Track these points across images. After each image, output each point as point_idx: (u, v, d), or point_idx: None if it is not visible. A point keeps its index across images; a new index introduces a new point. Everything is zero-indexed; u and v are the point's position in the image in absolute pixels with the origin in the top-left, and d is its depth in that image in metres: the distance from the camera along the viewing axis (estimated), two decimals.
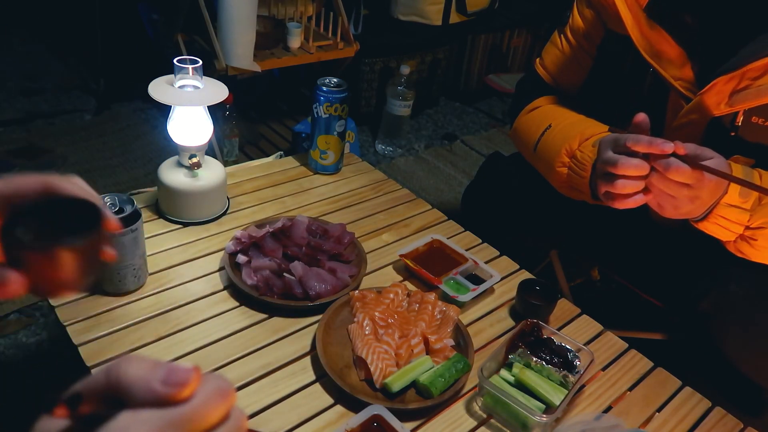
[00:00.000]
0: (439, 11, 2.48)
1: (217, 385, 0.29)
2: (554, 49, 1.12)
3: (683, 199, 0.78)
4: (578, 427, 0.76)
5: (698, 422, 0.82)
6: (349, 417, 0.75)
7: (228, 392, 0.29)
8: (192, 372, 0.28)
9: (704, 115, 0.88)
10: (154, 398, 0.27)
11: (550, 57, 1.13)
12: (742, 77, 0.83)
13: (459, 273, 0.99)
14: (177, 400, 0.27)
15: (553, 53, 1.12)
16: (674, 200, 0.79)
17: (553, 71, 1.12)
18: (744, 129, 0.87)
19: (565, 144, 0.95)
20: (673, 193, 0.78)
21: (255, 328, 0.88)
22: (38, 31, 3.02)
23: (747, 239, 0.85)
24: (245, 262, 0.94)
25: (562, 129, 0.99)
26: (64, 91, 2.53)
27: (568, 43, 1.09)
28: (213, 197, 1.07)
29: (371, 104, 2.46)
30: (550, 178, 1.00)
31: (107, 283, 0.88)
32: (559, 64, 1.11)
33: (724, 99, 0.85)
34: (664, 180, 0.76)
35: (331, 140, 1.22)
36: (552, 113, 1.06)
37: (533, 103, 1.12)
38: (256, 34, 1.79)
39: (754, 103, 0.84)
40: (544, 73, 1.13)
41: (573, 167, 0.93)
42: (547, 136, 1.01)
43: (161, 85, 0.98)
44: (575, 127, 0.97)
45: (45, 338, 1.33)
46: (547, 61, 1.13)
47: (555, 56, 1.11)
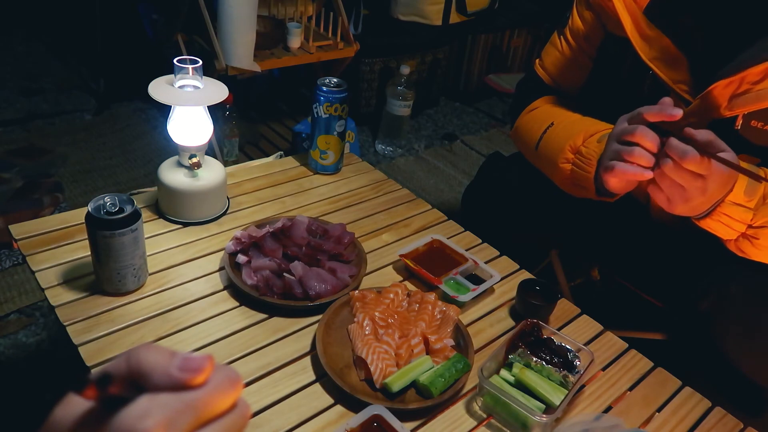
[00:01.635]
0: (439, 11, 2.48)
1: (228, 374, 0.31)
2: (554, 51, 1.12)
3: (694, 191, 0.78)
4: (578, 427, 0.76)
5: (698, 422, 0.82)
6: (349, 417, 0.75)
7: (237, 381, 0.31)
8: (206, 360, 0.30)
9: (703, 119, 0.88)
10: (171, 383, 0.29)
11: (549, 58, 1.13)
12: (741, 81, 0.83)
13: (459, 273, 0.99)
14: (192, 385, 0.29)
15: (552, 54, 1.12)
16: (684, 192, 0.78)
17: (553, 72, 1.12)
18: (743, 133, 0.87)
19: (569, 141, 0.95)
20: (686, 184, 0.77)
21: (255, 328, 0.88)
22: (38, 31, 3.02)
23: (749, 238, 0.85)
24: (245, 262, 0.94)
25: (565, 127, 0.99)
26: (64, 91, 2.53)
27: (568, 44, 1.09)
28: (213, 197, 1.07)
29: (371, 104, 2.46)
30: (553, 175, 1.00)
31: (107, 283, 0.88)
32: (558, 66, 1.11)
33: (724, 102, 0.85)
34: (677, 170, 0.76)
35: (331, 140, 1.22)
36: (553, 112, 1.06)
37: (534, 104, 1.12)
38: (256, 34, 1.79)
39: (754, 107, 0.84)
40: (544, 75, 1.14)
41: (577, 163, 0.93)
42: (549, 134, 1.01)
43: (161, 85, 0.98)
44: (578, 124, 0.97)
45: (45, 338, 1.33)
46: (546, 62, 1.13)
47: (555, 57, 1.11)
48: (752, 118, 0.86)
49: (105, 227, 0.82)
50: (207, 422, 0.30)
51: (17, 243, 0.97)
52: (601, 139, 0.91)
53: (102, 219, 0.81)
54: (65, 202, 1.88)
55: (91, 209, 0.82)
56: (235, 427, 0.31)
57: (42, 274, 0.92)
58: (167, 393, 0.29)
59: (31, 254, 0.95)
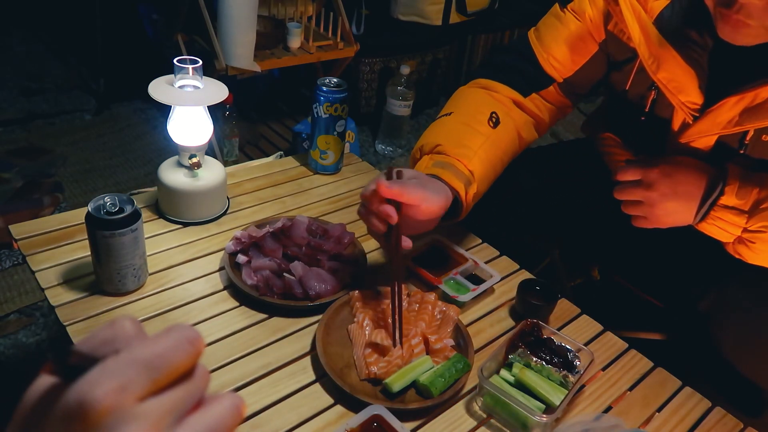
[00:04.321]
0: (439, 11, 2.48)
1: (185, 332, 0.30)
2: (555, 21, 1.02)
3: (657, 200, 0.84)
4: (578, 427, 0.76)
5: (698, 422, 0.82)
6: (349, 417, 0.75)
7: (196, 340, 0.30)
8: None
9: (712, 133, 0.87)
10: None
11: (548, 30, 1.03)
12: (755, 97, 0.81)
13: (459, 273, 0.99)
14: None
15: (552, 25, 1.02)
16: (651, 208, 0.86)
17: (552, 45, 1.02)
18: (753, 148, 0.86)
19: (429, 138, 0.97)
20: (639, 197, 0.85)
21: (255, 328, 0.88)
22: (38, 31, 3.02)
23: (745, 242, 0.85)
24: (245, 262, 0.94)
25: (448, 125, 1.00)
26: (64, 91, 2.53)
27: (576, 19, 1.00)
28: (213, 197, 1.07)
29: (371, 104, 2.46)
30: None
31: (107, 283, 0.88)
32: (558, 40, 1.02)
33: (735, 117, 0.83)
34: (619, 189, 0.84)
35: (331, 140, 1.22)
36: (466, 102, 1.03)
37: (481, 81, 1.06)
38: (256, 34, 1.79)
39: (766, 123, 0.82)
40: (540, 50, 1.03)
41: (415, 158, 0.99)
42: (441, 119, 1.02)
43: (161, 85, 0.98)
44: (455, 131, 0.98)
45: (45, 338, 1.33)
46: (543, 32, 1.04)
47: (554, 29, 1.02)
48: (763, 132, 0.85)
49: (105, 227, 0.82)
50: (166, 387, 0.29)
51: (17, 243, 0.97)
52: (437, 163, 0.93)
53: (102, 219, 0.81)
54: (65, 202, 1.88)
55: (91, 209, 0.82)
56: (197, 392, 0.30)
57: (42, 274, 0.92)
58: (120, 355, 0.28)
59: (31, 254, 0.95)
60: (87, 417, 0.26)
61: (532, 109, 1.05)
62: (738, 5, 0.71)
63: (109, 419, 0.26)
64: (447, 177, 0.91)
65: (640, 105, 0.97)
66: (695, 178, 0.86)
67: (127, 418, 0.27)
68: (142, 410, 0.27)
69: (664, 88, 0.87)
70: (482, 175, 0.96)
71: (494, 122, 0.99)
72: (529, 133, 1.06)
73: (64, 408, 0.27)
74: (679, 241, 0.99)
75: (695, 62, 0.85)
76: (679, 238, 0.97)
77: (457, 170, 0.93)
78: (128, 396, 0.27)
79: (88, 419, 0.26)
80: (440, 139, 0.97)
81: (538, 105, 1.06)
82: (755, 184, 0.83)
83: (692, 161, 0.88)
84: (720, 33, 0.76)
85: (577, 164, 1.21)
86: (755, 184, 0.82)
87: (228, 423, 0.30)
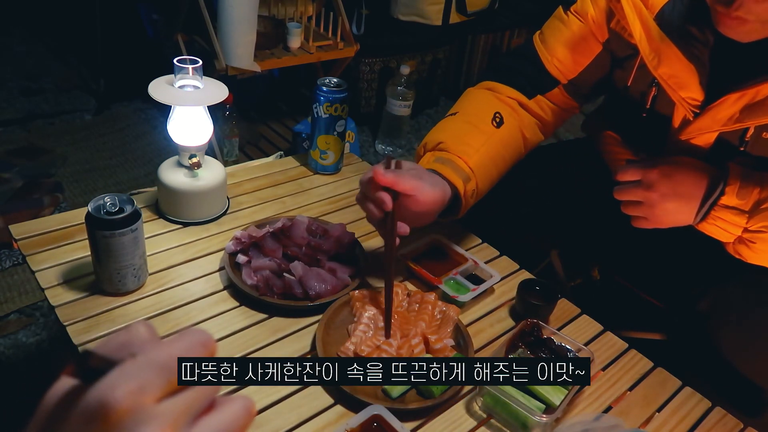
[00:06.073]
0: (439, 11, 2.48)
1: (199, 337, 0.31)
2: (559, 24, 1.03)
3: (656, 201, 0.85)
4: (578, 427, 0.76)
5: (698, 422, 0.82)
6: (349, 417, 0.75)
7: (209, 343, 0.31)
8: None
9: (712, 130, 0.87)
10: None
11: (552, 32, 1.04)
12: (756, 93, 0.81)
13: (459, 273, 0.99)
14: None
15: (556, 28, 1.03)
16: (651, 208, 0.86)
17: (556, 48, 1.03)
18: (753, 145, 0.86)
19: (434, 136, 0.99)
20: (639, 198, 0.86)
21: (255, 328, 0.88)
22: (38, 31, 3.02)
23: (745, 242, 0.85)
24: (245, 262, 0.94)
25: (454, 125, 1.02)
26: (64, 91, 2.53)
27: (579, 21, 1.01)
28: (213, 197, 1.07)
29: (371, 104, 2.46)
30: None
31: (107, 283, 0.88)
32: (563, 42, 1.02)
33: (735, 114, 0.83)
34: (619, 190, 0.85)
35: (331, 140, 1.22)
36: (472, 104, 1.05)
37: (488, 83, 1.07)
38: (256, 34, 1.79)
39: (767, 120, 0.82)
40: (544, 53, 1.04)
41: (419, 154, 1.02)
42: (447, 119, 1.03)
43: (161, 85, 0.98)
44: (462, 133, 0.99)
45: (45, 338, 1.33)
46: (547, 35, 1.05)
47: (559, 32, 1.03)
48: (764, 129, 0.84)
49: (105, 227, 0.82)
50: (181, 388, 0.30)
51: (17, 243, 0.97)
52: (438, 159, 0.94)
53: (102, 219, 0.81)
54: (65, 202, 1.88)
55: (91, 209, 0.82)
56: (210, 393, 0.31)
57: (42, 274, 0.92)
58: (138, 358, 0.29)
59: (31, 254, 0.95)
60: (107, 417, 0.27)
61: (537, 110, 1.06)
62: (737, 3, 0.71)
63: (129, 419, 0.27)
64: (446, 172, 0.92)
65: (641, 102, 0.97)
66: (695, 178, 0.86)
67: (145, 418, 0.27)
68: (160, 410, 0.28)
69: (665, 83, 0.87)
70: (482, 173, 0.96)
71: (497, 122, 1.00)
72: (534, 134, 1.06)
73: (85, 408, 0.28)
74: (679, 241, 0.98)
75: (696, 58, 0.85)
76: (679, 238, 0.97)
77: (456, 166, 0.94)
78: (146, 397, 0.28)
79: (108, 419, 0.27)
80: (443, 137, 0.98)
81: (542, 107, 1.07)
82: (756, 184, 0.83)
83: (692, 161, 0.88)
84: (719, 28, 0.77)
85: (577, 164, 1.21)
86: (756, 184, 0.83)
87: (239, 424, 0.31)
